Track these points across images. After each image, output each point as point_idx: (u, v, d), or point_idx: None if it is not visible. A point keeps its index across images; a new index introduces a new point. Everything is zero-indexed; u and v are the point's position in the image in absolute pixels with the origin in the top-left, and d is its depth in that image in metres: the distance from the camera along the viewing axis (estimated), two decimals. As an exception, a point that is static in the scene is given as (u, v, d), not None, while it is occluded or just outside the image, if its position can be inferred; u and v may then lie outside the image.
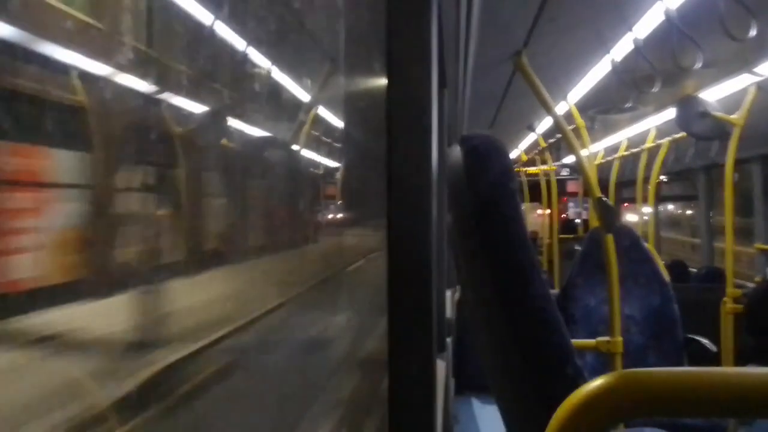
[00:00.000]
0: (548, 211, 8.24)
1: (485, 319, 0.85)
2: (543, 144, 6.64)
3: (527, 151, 8.43)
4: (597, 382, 0.59)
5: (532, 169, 9.07)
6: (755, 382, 0.58)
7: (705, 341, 3.38)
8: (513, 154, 8.96)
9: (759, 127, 3.98)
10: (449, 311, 2.97)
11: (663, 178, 7.00)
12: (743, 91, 3.67)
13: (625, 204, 7.46)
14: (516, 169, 9.14)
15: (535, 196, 8.69)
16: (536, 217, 10.37)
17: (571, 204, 10.92)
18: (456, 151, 0.85)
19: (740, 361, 3.77)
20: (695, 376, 0.60)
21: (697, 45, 2.38)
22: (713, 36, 2.24)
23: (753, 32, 2.16)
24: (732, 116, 3.77)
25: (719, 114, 3.80)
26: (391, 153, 1.00)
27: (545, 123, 5.65)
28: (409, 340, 1.03)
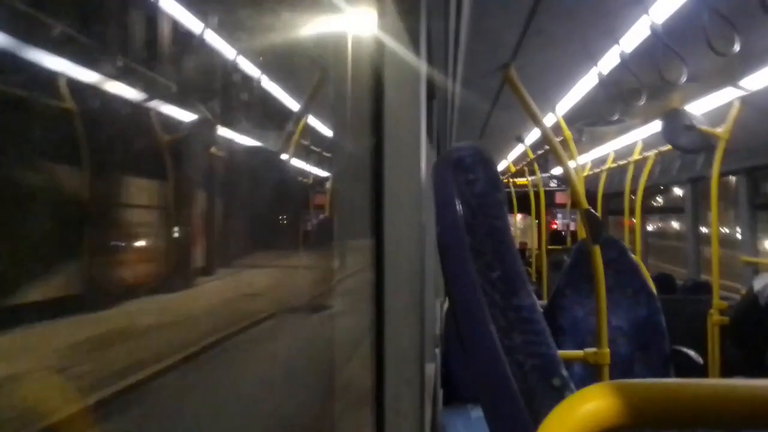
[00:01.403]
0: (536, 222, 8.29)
1: (472, 329, 0.85)
2: (531, 155, 6.68)
3: (516, 162, 8.48)
4: (583, 394, 0.59)
5: (520, 180, 9.12)
6: (741, 394, 0.58)
7: (691, 353, 3.41)
8: (502, 165, 9.00)
9: (744, 141, 4.03)
10: (438, 321, 2.97)
11: (677, 190, 6.80)
12: (728, 105, 3.72)
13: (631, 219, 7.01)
14: (505, 180, 9.18)
15: (524, 207, 8.74)
16: (528, 227, 10.41)
17: (559, 215, 10.98)
18: (443, 162, 0.85)
19: (727, 373, 3.79)
20: (680, 388, 0.60)
21: (682, 59, 2.42)
22: (698, 50, 2.27)
23: (737, 47, 2.19)
24: (717, 129, 3.82)
25: (704, 127, 3.85)
26: (380, 164, 1.00)
27: (534, 134, 5.69)
28: (398, 351, 1.03)
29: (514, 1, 2.18)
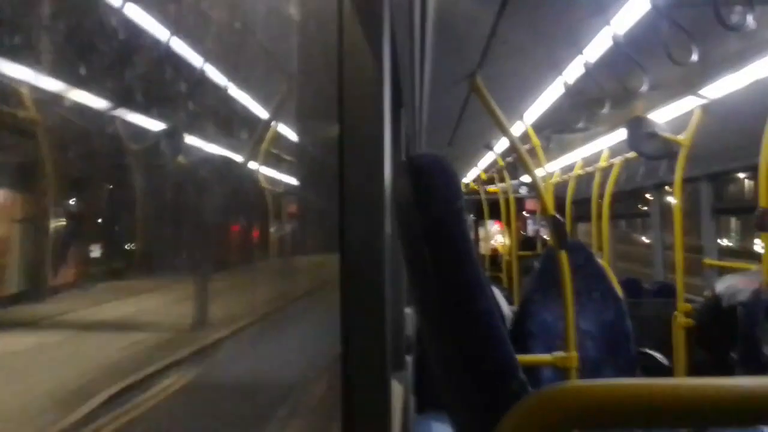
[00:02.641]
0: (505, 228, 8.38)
1: (434, 336, 0.86)
2: (501, 163, 6.76)
3: (486, 170, 8.56)
4: (539, 394, 0.59)
5: (491, 188, 9.20)
6: (697, 392, 0.59)
7: (658, 355, 3.48)
8: (472, 173, 9.08)
9: (705, 147, 4.14)
10: (409, 328, 2.98)
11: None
12: (690, 113, 3.82)
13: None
14: (476, 188, 9.27)
15: (495, 214, 8.82)
16: (497, 235, 10.51)
17: (530, 222, 11.12)
18: (402, 170, 0.86)
19: (692, 373, 3.87)
20: (637, 387, 0.60)
21: (643, 69, 2.48)
22: (658, 60, 2.33)
23: (695, 57, 2.26)
24: (679, 137, 3.92)
25: (667, 135, 3.94)
26: (344, 172, 1.01)
27: (504, 142, 5.76)
28: (363, 358, 1.03)
29: (478, 10, 2.21)
